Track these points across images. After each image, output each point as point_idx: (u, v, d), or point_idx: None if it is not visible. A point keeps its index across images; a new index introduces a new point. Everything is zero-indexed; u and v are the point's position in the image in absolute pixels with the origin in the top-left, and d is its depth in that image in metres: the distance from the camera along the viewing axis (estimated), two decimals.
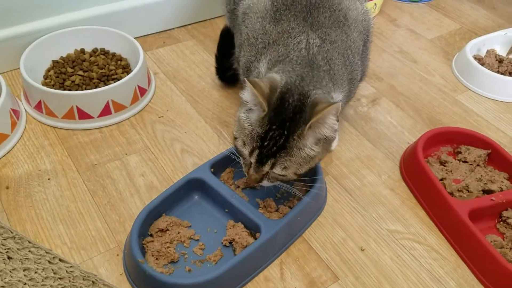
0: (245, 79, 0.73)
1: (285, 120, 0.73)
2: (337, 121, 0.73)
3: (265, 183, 0.80)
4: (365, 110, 1.11)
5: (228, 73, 1.09)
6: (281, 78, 0.76)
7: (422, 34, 1.36)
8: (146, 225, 0.81)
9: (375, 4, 1.38)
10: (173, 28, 1.31)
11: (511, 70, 1.19)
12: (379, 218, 0.89)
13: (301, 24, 0.84)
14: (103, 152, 0.98)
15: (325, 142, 0.77)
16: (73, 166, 0.95)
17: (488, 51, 1.24)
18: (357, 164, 0.99)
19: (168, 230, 0.83)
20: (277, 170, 0.76)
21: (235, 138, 0.79)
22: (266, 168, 0.76)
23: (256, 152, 0.75)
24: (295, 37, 0.83)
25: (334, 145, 1.00)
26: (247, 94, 0.74)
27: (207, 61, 1.21)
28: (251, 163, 0.78)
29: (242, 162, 0.81)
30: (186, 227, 0.84)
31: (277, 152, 0.74)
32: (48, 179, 0.92)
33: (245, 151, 0.77)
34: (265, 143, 0.74)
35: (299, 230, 0.86)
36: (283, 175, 0.77)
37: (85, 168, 0.95)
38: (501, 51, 1.25)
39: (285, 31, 0.84)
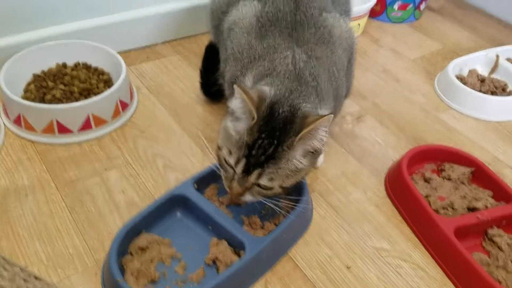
0: (235, 85, 0.71)
1: (275, 129, 0.72)
2: (327, 134, 0.72)
3: (248, 197, 0.77)
4: (350, 127, 1.11)
5: (212, 88, 1.08)
6: (269, 89, 0.75)
7: (404, 54, 1.37)
8: (125, 243, 0.78)
9: (359, 24, 1.39)
10: (157, 44, 1.30)
11: (493, 90, 1.21)
12: (365, 235, 0.88)
13: (287, 40, 0.84)
14: (82, 168, 0.95)
15: (313, 156, 0.76)
16: (52, 181, 0.92)
17: (470, 71, 1.26)
18: (342, 181, 0.98)
19: (148, 248, 0.80)
20: (263, 181, 0.74)
21: (219, 148, 0.77)
22: (252, 178, 0.73)
23: (243, 161, 0.73)
24: (281, 52, 0.82)
25: (320, 162, 1.00)
26: (236, 102, 0.73)
27: (192, 76, 1.20)
28: (233, 175, 0.75)
29: (223, 176, 0.79)
30: (167, 245, 0.82)
31: (265, 162, 0.72)
32: (26, 194, 0.89)
33: (231, 160, 0.74)
34: (253, 152, 0.72)
35: (285, 247, 0.84)
36: (269, 188, 0.75)
37: (63, 183, 0.92)
38: (483, 71, 1.27)
39: (271, 46, 0.84)
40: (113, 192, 0.91)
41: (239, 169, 0.73)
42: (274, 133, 0.72)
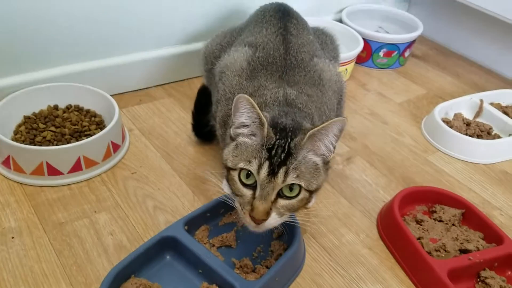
0: (241, 95, 0.72)
1: (286, 131, 0.73)
2: (336, 143, 0.73)
3: (273, 217, 0.73)
4: (340, 168, 1.12)
5: (204, 129, 1.09)
6: (265, 113, 0.77)
7: (391, 98, 1.41)
8: (113, 287, 0.76)
9: (346, 69, 1.43)
10: (150, 87, 1.32)
11: (478, 133, 1.23)
12: (358, 279, 0.87)
13: (278, 81, 0.86)
14: (71, 210, 0.94)
15: (324, 163, 0.76)
16: (39, 224, 0.90)
17: (455, 115, 1.30)
18: (335, 222, 0.97)
19: None
20: (292, 178, 0.71)
21: (233, 169, 0.75)
22: (280, 178, 0.71)
23: (266, 163, 0.71)
24: (272, 89, 0.84)
25: (311, 202, 1.00)
26: (242, 114, 0.73)
27: (184, 118, 1.21)
28: (253, 195, 0.73)
29: (239, 202, 0.75)
30: None
31: (286, 159, 0.71)
32: (12, 237, 0.86)
33: (252, 168, 0.72)
34: (273, 152, 0.72)
35: None
36: (295, 195, 0.73)
37: (51, 226, 0.90)
38: (467, 115, 1.31)
39: (262, 85, 0.86)
40: (101, 234, 0.89)
41: (264, 172, 0.71)
42: (286, 133, 0.73)
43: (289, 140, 0.72)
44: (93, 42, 1.19)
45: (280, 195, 0.73)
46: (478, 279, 0.88)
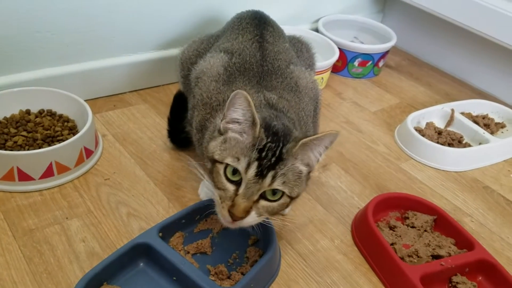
0: (239, 91, 0.71)
1: (278, 134, 0.73)
2: (324, 154, 0.74)
3: (252, 216, 0.73)
4: (316, 175, 1.12)
5: (180, 135, 1.08)
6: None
7: (365, 107, 1.43)
8: None
9: (322, 78, 1.45)
10: (125, 92, 1.31)
11: (450, 142, 1.26)
12: (333, 284, 0.87)
13: (255, 86, 0.86)
14: (42, 216, 0.91)
15: (307, 171, 0.76)
16: (9, 230, 0.87)
17: (427, 124, 1.32)
18: (310, 229, 0.98)
19: None
20: (278, 184, 0.72)
21: (219, 162, 0.74)
22: (267, 181, 0.71)
23: (255, 164, 0.71)
24: (252, 94, 0.84)
25: (288, 209, 1.00)
26: (240, 110, 0.72)
27: (159, 124, 1.20)
28: (235, 192, 0.73)
29: (219, 196, 0.75)
30: None
31: (276, 164, 0.71)
32: None
33: (240, 166, 0.71)
34: (263, 154, 0.71)
35: None
36: (277, 198, 0.74)
37: (21, 233, 0.87)
38: (439, 124, 1.34)
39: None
40: (73, 241, 0.87)
41: (251, 173, 0.71)
42: (278, 137, 0.73)
43: (281, 145, 0.73)
44: (67, 46, 1.17)
45: (262, 196, 0.73)
46: (450, 284, 0.89)
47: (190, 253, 0.87)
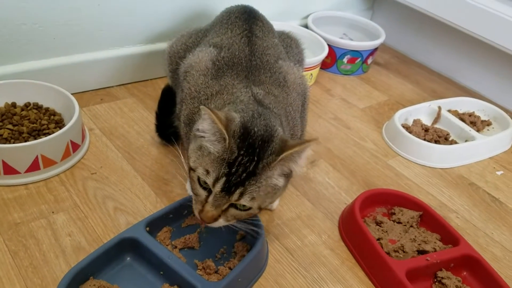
0: (202, 107, 0.70)
1: (254, 146, 0.70)
2: (305, 160, 0.73)
3: (220, 222, 0.74)
4: (304, 171, 1.13)
5: (168, 130, 1.08)
6: (236, 113, 0.75)
7: (354, 104, 1.44)
8: None
9: (311, 74, 1.45)
10: (112, 86, 1.30)
11: (436, 139, 1.27)
12: (320, 279, 0.87)
13: (244, 81, 0.86)
14: (28, 210, 0.90)
15: (286, 178, 0.75)
16: None
17: (414, 121, 1.33)
18: (298, 224, 0.98)
19: None
20: (245, 201, 0.71)
21: (193, 170, 0.73)
22: (234, 197, 0.70)
23: (223, 179, 0.70)
24: (240, 89, 0.84)
25: (275, 204, 1.00)
26: (204, 123, 0.71)
27: (147, 118, 1.19)
28: (206, 198, 0.72)
29: (193, 201, 0.75)
30: None
31: (246, 180, 0.70)
32: None
33: (208, 180, 0.71)
34: (233, 170, 0.69)
35: None
36: (247, 208, 0.73)
37: (6, 227, 0.86)
38: (426, 121, 1.35)
39: (228, 84, 0.85)
40: (59, 235, 0.87)
41: (218, 188, 0.70)
42: (253, 149, 0.70)
43: (256, 158, 0.70)
44: (54, 39, 1.15)
45: (232, 204, 0.73)
46: (435, 279, 0.90)
47: (178, 247, 0.87)
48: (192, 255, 0.86)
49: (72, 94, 1.09)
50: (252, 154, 0.70)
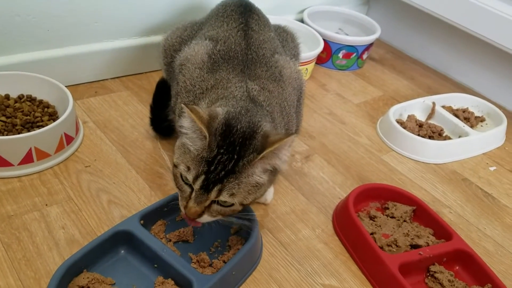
0: (183, 105, 0.70)
1: (235, 144, 0.71)
2: (289, 153, 0.73)
3: (205, 218, 0.75)
4: (299, 166, 1.13)
5: (163, 124, 1.07)
6: (222, 109, 0.75)
7: (349, 99, 1.44)
8: (64, 282, 0.74)
9: (307, 69, 1.45)
10: (107, 79, 1.29)
11: (430, 134, 1.28)
12: (314, 273, 0.88)
13: (239, 75, 0.86)
14: (21, 203, 0.90)
15: (272, 173, 0.76)
16: None
17: (409, 116, 1.34)
18: (292, 218, 0.98)
19: (89, 287, 0.76)
20: (224, 197, 0.71)
21: (175, 166, 0.74)
22: (212, 194, 0.71)
23: (202, 177, 0.70)
24: (234, 83, 0.84)
25: (270, 198, 1.00)
26: (185, 120, 0.72)
27: (141, 112, 1.19)
28: (190, 194, 0.73)
29: (179, 197, 0.76)
30: (109, 284, 0.78)
31: (225, 177, 0.70)
32: None
33: (189, 176, 0.72)
34: (212, 168, 0.70)
35: (234, 286, 0.82)
36: (229, 205, 0.73)
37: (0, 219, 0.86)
38: (420, 117, 1.35)
39: (224, 78, 0.85)
40: (53, 228, 0.86)
41: (198, 185, 0.71)
42: (233, 147, 0.71)
43: (235, 157, 0.71)
44: (48, 31, 1.15)
45: (214, 201, 0.73)
46: (428, 274, 0.91)
47: (172, 241, 0.87)
48: (187, 248, 0.86)
49: (66, 86, 1.08)
50: (232, 152, 0.71)
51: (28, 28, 1.12)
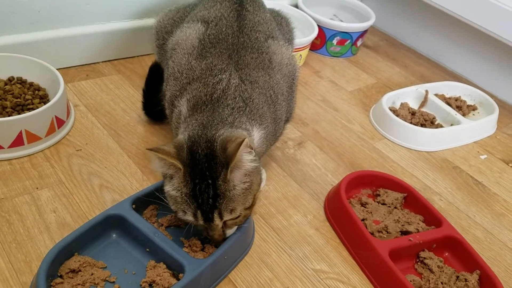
0: (147, 150, 0.71)
1: (203, 170, 0.72)
2: (252, 154, 0.73)
3: (229, 232, 0.79)
4: (291, 152, 1.13)
5: (155, 108, 1.06)
6: (184, 135, 0.76)
7: (342, 86, 1.44)
8: (55, 265, 0.74)
9: (301, 55, 1.44)
10: (98, 62, 1.27)
11: (422, 122, 1.28)
12: (305, 258, 0.88)
13: (225, 61, 0.85)
14: (11, 186, 0.89)
15: (254, 173, 0.76)
16: None
17: (401, 104, 1.34)
18: (284, 204, 0.99)
19: (80, 271, 0.76)
20: (228, 217, 0.74)
21: (176, 212, 0.77)
22: (217, 221, 0.74)
23: (199, 212, 0.73)
24: (216, 75, 0.83)
25: (262, 184, 1.00)
26: (156, 163, 0.73)
27: (133, 96, 1.18)
28: (204, 226, 0.76)
29: (202, 230, 0.80)
30: (100, 268, 0.78)
31: (215, 202, 0.72)
32: None
33: (189, 218, 0.75)
34: (200, 200, 0.72)
35: (225, 270, 0.83)
36: (236, 217, 0.75)
37: None
38: (413, 105, 1.36)
39: (208, 67, 0.84)
40: (44, 211, 0.86)
41: (201, 221, 0.74)
42: (204, 174, 0.72)
43: (210, 182, 0.72)
44: (39, 12, 1.13)
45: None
46: (418, 259, 0.92)
47: (164, 225, 0.87)
48: (178, 233, 0.86)
49: (57, 69, 1.07)
50: (206, 179, 0.72)
51: (19, 9, 1.10)
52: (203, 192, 0.72)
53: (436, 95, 1.37)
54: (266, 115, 0.85)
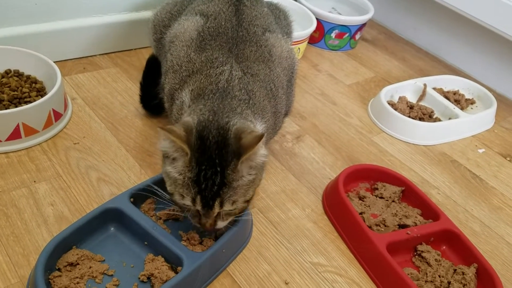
0: (158, 128, 0.70)
1: (212, 157, 0.71)
2: (265, 150, 0.73)
3: (220, 224, 0.76)
4: (290, 146, 1.13)
5: (153, 101, 1.06)
6: (193, 118, 0.75)
7: (341, 80, 1.43)
8: (53, 258, 0.74)
9: (299, 48, 1.44)
10: (95, 55, 1.27)
11: (421, 116, 1.28)
12: (303, 251, 0.89)
13: (226, 54, 0.85)
14: (9, 179, 0.89)
15: (260, 167, 0.76)
16: None
17: (400, 98, 1.34)
18: (282, 197, 0.99)
19: (78, 264, 0.76)
20: (227, 207, 0.73)
21: (171, 194, 0.75)
22: (216, 209, 0.73)
23: (199, 197, 0.72)
24: (217, 67, 0.82)
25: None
26: (164, 143, 0.71)
27: (131, 89, 1.17)
28: (198, 212, 0.74)
29: (189, 216, 0.77)
30: (99, 261, 0.78)
31: (219, 190, 0.71)
32: None
33: (187, 202, 0.73)
34: (203, 186, 0.71)
35: (224, 263, 0.83)
36: (234, 208, 0.75)
37: None
38: (412, 98, 1.35)
39: (209, 60, 0.84)
40: (41, 205, 0.86)
41: (199, 206, 0.73)
42: (213, 161, 0.71)
43: (219, 169, 0.70)
44: (36, 4, 1.12)
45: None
46: (415, 253, 0.92)
47: (162, 219, 0.87)
48: (177, 226, 0.86)
49: (54, 62, 1.06)
50: (214, 166, 0.71)
51: (16, 2, 1.09)
52: (208, 179, 0.70)
53: (434, 88, 1.37)
54: (267, 109, 0.85)
